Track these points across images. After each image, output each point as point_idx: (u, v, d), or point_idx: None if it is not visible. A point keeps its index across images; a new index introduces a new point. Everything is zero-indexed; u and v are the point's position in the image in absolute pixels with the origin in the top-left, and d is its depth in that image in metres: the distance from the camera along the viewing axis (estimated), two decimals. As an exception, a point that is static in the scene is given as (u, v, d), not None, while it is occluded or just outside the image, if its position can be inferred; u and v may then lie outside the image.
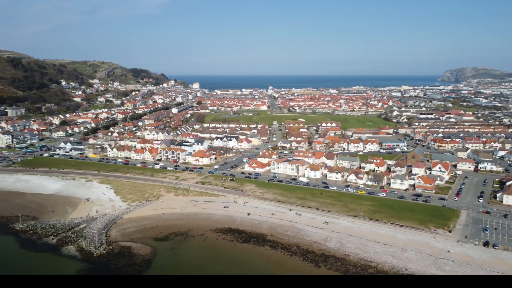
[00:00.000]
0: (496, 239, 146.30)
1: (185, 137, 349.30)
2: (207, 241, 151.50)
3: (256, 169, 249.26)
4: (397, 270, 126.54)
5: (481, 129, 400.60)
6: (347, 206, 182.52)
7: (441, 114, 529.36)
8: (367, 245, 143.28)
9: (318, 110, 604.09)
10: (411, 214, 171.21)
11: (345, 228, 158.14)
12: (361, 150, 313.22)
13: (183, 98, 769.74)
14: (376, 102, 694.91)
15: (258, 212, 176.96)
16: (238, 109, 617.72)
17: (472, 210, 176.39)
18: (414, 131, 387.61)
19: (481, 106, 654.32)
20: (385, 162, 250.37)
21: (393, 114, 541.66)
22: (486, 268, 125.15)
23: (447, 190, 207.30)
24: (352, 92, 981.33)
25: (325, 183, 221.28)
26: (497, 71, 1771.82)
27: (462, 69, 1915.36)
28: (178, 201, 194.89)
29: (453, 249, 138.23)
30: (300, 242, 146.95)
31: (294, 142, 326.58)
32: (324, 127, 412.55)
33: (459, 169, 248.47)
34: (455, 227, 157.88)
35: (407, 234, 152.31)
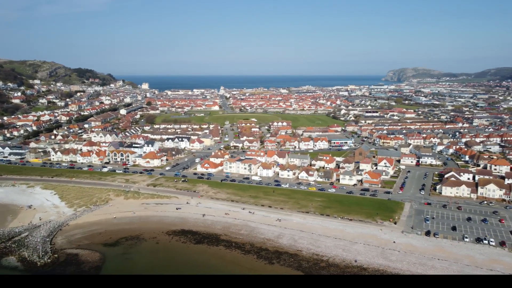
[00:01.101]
0: (437, 228, 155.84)
1: (135, 139, 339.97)
2: (160, 244, 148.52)
3: (208, 170, 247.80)
4: (347, 262, 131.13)
5: (422, 126, 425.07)
6: (299, 203, 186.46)
7: (385, 112, 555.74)
8: (319, 240, 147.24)
9: (269, 110, 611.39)
10: (360, 208, 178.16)
11: (297, 225, 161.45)
12: (311, 148, 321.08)
13: (132, 99, 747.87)
14: (325, 101, 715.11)
15: (212, 212, 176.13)
16: (190, 110, 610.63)
17: (415, 202, 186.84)
18: (361, 129, 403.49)
19: (421, 104, 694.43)
20: (334, 159, 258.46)
21: (341, 112, 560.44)
22: (428, 256, 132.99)
23: (392, 184, 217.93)
24: (302, 91, 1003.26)
25: (277, 181, 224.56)
26: (435, 71, 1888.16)
27: (403, 69, 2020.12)
28: (129, 204, 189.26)
29: (398, 240, 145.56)
30: (254, 240, 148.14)
31: (246, 141, 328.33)
32: (275, 126, 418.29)
33: (403, 163, 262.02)
34: (400, 218, 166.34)
35: (356, 227, 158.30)
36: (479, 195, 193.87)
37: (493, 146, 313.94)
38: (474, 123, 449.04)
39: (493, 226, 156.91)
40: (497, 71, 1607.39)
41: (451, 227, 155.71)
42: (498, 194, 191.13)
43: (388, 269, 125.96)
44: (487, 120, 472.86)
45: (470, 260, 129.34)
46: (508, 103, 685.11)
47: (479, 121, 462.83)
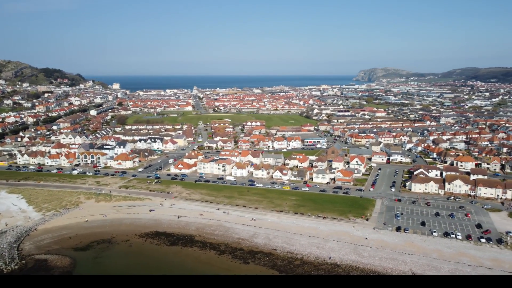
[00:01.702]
0: (407, 223, 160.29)
1: (106, 140, 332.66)
2: (133, 246, 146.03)
3: (182, 170, 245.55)
4: (321, 260, 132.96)
5: (392, 125, 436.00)
6: (273, 202, 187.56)
7: (356, 111, 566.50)
8: (293, 238, 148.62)
9: (243, 110, 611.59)
10: (333, 206, 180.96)
11: (272, 224, 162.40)
12: (285, 147, 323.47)
13: (102, 99, 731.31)
14: (298, 101, 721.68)
15: (186, 213, 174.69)
16: (162, 110, 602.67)
17: (386, 199, 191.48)
18: (333, 128, 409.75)
19: (391, 103, 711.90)
20: (307, 158, 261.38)
21: (314, 112, 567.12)
22: (399, 251, 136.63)
23: (363, 181, 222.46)
24: (275, 91, 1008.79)
25: (252, 181, 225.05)
26: (404, 71, 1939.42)
27: (374, 69, 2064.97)
28: (100, 207, 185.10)
29: (370, 236, 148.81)
30: (229, 241, 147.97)
31: (220, 141, 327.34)
32: (249, 126, 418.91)
33: (374, 161, 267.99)
34: (372, 215, 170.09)
35: (329, 225, 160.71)
36: (446, 190, 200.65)
37: (459, 143, 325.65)
38: (441, 122, 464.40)
39: (460, 221, 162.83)
40: (462, 71, 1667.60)
41: (420, 222, 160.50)
42: (464, 189, 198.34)
43: (361, 265, 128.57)
44: (453, 119, 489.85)
45: (439, 254, 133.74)
46: (472, 102, 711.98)
47: (446, 120, 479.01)
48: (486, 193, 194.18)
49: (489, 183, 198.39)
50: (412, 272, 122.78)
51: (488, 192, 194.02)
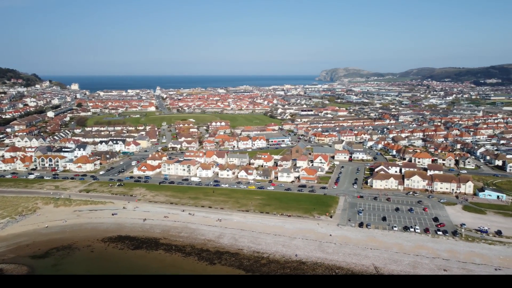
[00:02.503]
0: (369, 219, 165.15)
1: (65, 143, 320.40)
2: (95, 252, 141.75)
3: (146, 172, 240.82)
4: (287, 258, 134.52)
5: (353, 123, 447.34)
6: (239, 202, 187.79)
7: (319, 110, 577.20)
8: (259, 237, 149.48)
9: (207, 110, 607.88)
10: (297, 204, 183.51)
11: (238, 224, 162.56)
12: (250, 147, 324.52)
13: (60, 100, 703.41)
14: (262, 100, 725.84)
15: (150, 216, 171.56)
16: (124, 111, 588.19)
17: (349, 196, 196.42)
18: (297, 127, 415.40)
19: (352, 102, 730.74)
20: (272, 157, 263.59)
21: (278, 111, 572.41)
22: (362, 246, 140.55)
23: (327, 179, 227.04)
24: (240, 91, 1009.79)
25: (217, 181, 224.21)
26: (364, 71, 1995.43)
27: (335, 69, 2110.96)
28: (59, 212, 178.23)
29: (334, 233, 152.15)
30: (194, 242, 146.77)
31: (185, 142, 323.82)
32: (214, 126, 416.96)
33: (337, 159, 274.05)
34: (335, 212, 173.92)
35: (295, 223, 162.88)
36: (405, 186, 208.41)
37: (416, 140, 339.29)
38: (400, 120, 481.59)
39: (418, 215, 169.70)
40: (418, 71, 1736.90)
41: (382, 217, 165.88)
42: (421, 184, 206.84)
43: (326, 261, 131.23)
44: (411, 117, 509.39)
45: (399, 248, 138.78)
46: (428, 101, 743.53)
47: (404, 118, 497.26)
48: (442, 187, 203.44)
49: (445, 178, 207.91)
50: (374, 266, 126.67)
51: (443, 187, 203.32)
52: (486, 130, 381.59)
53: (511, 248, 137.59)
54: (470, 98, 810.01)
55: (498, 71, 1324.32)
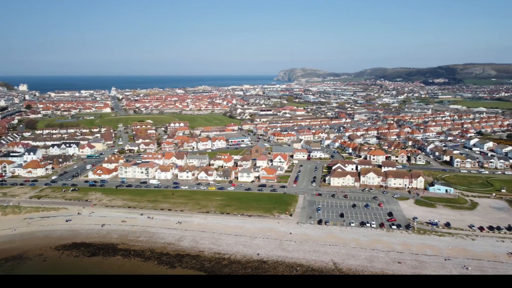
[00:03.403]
0: (327, 216, 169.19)
1: (13, 147, 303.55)
2: (48, 261, 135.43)
3: (101, 176, 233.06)
4: (248, 257, 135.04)
5: (311, 122, 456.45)
6: (199, 203, 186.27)
7: (278, 110, 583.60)
8: (220, 238, 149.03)
9: (165, 111, 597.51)
10: (258, 204, 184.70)
11: (198, 225, 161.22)
12: (209, 147, 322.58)
13: (7, 102, 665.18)
14: (221, 101, 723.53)
15: (107, 221, 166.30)
16: (78, 113, 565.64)
17: (308, 194, 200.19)
18: (256, 127, 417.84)
19: (310, 102, 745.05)
20: (232, 158, 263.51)
21: (237, 111, 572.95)
22: (321, 243, 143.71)
23: (286, 178, 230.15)
24: (198, 91, 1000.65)
25: (176, 183, 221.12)
26: (321, 71, 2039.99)
27: (293, 69, 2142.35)
28: (8, 221, 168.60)
29: (294, 231, 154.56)
30: (154, 246, 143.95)
31: (142, 144, 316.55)
32: (172, 127, 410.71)
33: (296, 158, 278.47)
34: (295, 210, 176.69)
35: (255, 222, 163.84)
36: (361, 183, 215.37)
37: (371, 138, 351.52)
38: (355, 118, 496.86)
39: (374, 210, 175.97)
40: (372, 71, 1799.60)
41: (339, 214, 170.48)
42: (376, 181, 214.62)
43: (286, 259, 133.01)
44: (365, 115, 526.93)
45: (356, 243, 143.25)
46: (381, 100, 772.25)
47: (359, 116, 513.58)
48: (396, 183, 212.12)
49: (398, 174, 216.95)
50: (333, 262, 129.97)
51: (397, 182, 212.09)
52: (435, 127, 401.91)
53: (459, 239, 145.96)
54: (420, 97, 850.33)
55: (445, 71, 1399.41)
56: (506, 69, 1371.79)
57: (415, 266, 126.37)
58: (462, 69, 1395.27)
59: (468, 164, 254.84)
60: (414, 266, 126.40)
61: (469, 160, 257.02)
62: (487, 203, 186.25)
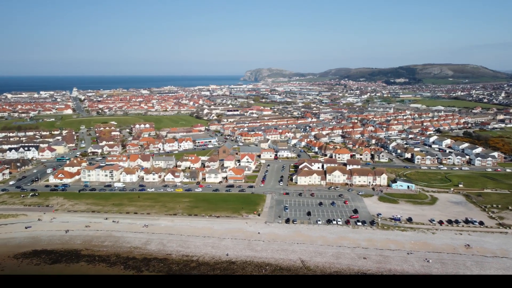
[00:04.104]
0: (295, 215, 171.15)
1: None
2: (6, 270, 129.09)
3: (63, 180, 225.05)
4: (217, 259, 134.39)
5: (278, 122, 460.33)
6: (166, 206, 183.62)
7: (245, 110, 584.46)
8: (188, 240, 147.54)
9: (130, 112, 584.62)
10: (226, 205, 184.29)
11: (166, 228, 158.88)
12: (176, 149, 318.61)
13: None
14: (188, 101, 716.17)
15: (70, 226, 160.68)
16: (37, 115, 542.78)
17: (275, 193, 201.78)
18: (224, 127, 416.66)
19: (276, 102, 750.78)
20: (199, 159, 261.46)
21: (204, 112, 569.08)
22: (289, 242, 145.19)
23: (254, 178, 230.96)
24: (164, 92, 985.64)
25: (142, 186, 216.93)
26: (287, 71, 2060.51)
27: (259, 69, 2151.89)
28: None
29: (263, 230, 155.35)
30: (120, 251, 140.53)
31: (106, 146, 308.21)
32: (137, 128, 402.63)
33: (263, 158, 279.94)
34: (263, 210, 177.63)
35: (223, 223, 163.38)
36: (327, 181, 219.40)
37: (336, 137, 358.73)
38: (321, 118, 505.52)
39: (340, 208, 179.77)
40: (336, 71, 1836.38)
41: (307, 212, 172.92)
42: (342, 179, 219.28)
43: (255, 259, 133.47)
44: (330, 115, 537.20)
45: (323, 240, 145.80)
46: (346, 99, 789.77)
47: (325, 116, 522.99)
48: (360, 181, 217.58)
49: (362, 171, 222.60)
50: (301, 260, 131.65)
51: (361, 180, 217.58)
52: (397, 126, 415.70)
53: (420, 233, 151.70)
54: (382, 96, 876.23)
55: (405, 71, 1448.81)
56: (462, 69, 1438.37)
57: (379, 261, 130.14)
58: (421, 69, 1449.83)
59: (428, 160, 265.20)
60: (378, 261, 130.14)
61: (429, 157, 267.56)
62: (446, 198, 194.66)
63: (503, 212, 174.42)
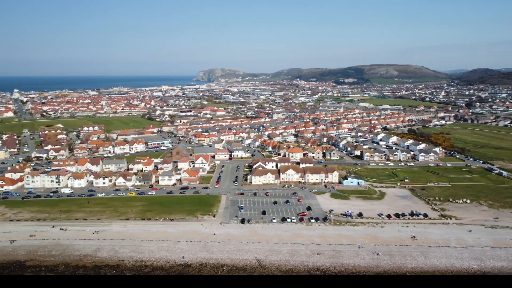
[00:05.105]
0: (250, 214, 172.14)
1: None
2: None
3: (4, 187, 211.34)
4: (172, 263, 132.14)
5: (232, 122, 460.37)
6: (118, 211, 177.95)
7: (198, 111, 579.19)
8: (141, 245, 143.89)
9: (77, 114, 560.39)
10: (180, 207, 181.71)
11: (118, 234, 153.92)
12: (127, 151, 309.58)
13: None
14: (139, 102, 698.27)
15: (12, 236, 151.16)
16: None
17: (230, 194, 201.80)
18: (177, 128, 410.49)
19: (230, 102, 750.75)
20: (152, 161, 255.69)
21: (156, 113, 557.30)
22: (245, 241, 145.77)
23: (209, 179, 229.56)
24: (114, 93, 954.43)
25: (92, 191, 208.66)
26: (240, 72, 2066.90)
27: (213, 70, 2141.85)
28: None
29: (218, 231, 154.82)
30: (68, 260, 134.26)
31: (52, 150, 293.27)
32: (86, 131, 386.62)
33: (217, 159, 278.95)
34: (218, 211, 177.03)
35: (178, 226, 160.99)
36: (281, 180, 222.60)
37: (289, 136, 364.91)
38: (274, 117, 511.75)
39: (294, 206, 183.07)
40: (288, 71, 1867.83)
41: (262, 211, 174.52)
42: (295, 177, 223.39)
43: (211, 261, 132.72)
44: (283, 114, 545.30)
45: (278, 238, 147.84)
46: (298, 99, 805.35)
47: (278, 116, 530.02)
48: (313, 178, 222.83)
49: (315, 169, 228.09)
50: (257, 259, 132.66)
51: (314, 178, 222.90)
52: (347, 124, 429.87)
53: (370, 227, 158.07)
54: (332, 96, 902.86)
55: (354, 72, 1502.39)
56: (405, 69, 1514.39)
57: (332, 256, 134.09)
58: (368, 70, 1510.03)
59: (376, 157, 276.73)
60: (331, 256, 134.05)
61: (377, 154, 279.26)
62: (393, 192, 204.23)
63: (444, 204, 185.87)
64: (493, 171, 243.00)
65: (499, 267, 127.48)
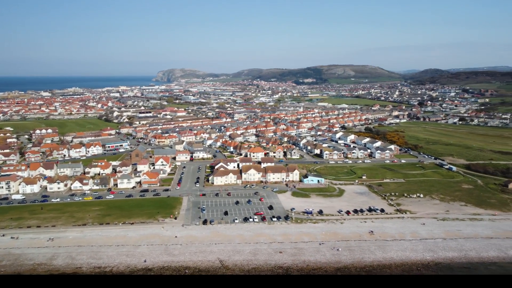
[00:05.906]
0: (212, 215, 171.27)
1: None
2: None
3: None
4: (132, 267, 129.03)
5: (193, 123, 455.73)
6: (74, 216, 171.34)
7: (158, 112, 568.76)
8: (100, 251, 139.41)
9: (29, 116, 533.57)
10: (140, 210, 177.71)
11: (74, 240, 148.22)
12: (84, 154, 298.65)
13: None
14: (95, 103, 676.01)
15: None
16: None
17: (192, 195, 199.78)
18: (136, 130, 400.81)
19: (191, 102, 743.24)
20: (110, 164, 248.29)
21: (114, 114, 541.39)
22: (207, 243, 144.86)
23: (170, 181, 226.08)
24: (68, 94, 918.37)
25: (46, 196, 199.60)
26: (200, 72, 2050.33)
27: (172, 70, 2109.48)
28: None
29: (180, 234, 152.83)
30: (21, 269, 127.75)
31: (1, 155, 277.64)
32: (38, 134, 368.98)
33: (178, 160, 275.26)
34: (180, 213, 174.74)
35: (138, 230, 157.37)
36: (243, 180, 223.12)
37: (250, 136, 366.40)
38: (235, 118, 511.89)
39: (256, 205, 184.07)
40: (249, 72, 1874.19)
41: (224, 212, 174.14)
42: (257, 177, 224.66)
43: (173, 264, 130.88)
44: (244, 114, 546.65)
45: (241, 238, 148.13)
46: (259, 99, 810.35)
47: (239, 116, 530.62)
48: (274, 178, 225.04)
49: (276, 169, 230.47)
50: (219, 260, 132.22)
51: (275, 177, 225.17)
52: (306, 123, 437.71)
53: (330, 224, 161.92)
54: (292, 96, 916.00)
55: (313, 72, 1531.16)
56: (362, 69, 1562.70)
57: (294, 253, 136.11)
58: (327, 70, 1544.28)
59: (335, 155, 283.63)
60: (293, 253, 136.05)
61: (336, 152, 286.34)
62: (351, 189, 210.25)
63: (400, 199, 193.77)
64: (444, 166, 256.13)
65: (450, 257, 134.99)
